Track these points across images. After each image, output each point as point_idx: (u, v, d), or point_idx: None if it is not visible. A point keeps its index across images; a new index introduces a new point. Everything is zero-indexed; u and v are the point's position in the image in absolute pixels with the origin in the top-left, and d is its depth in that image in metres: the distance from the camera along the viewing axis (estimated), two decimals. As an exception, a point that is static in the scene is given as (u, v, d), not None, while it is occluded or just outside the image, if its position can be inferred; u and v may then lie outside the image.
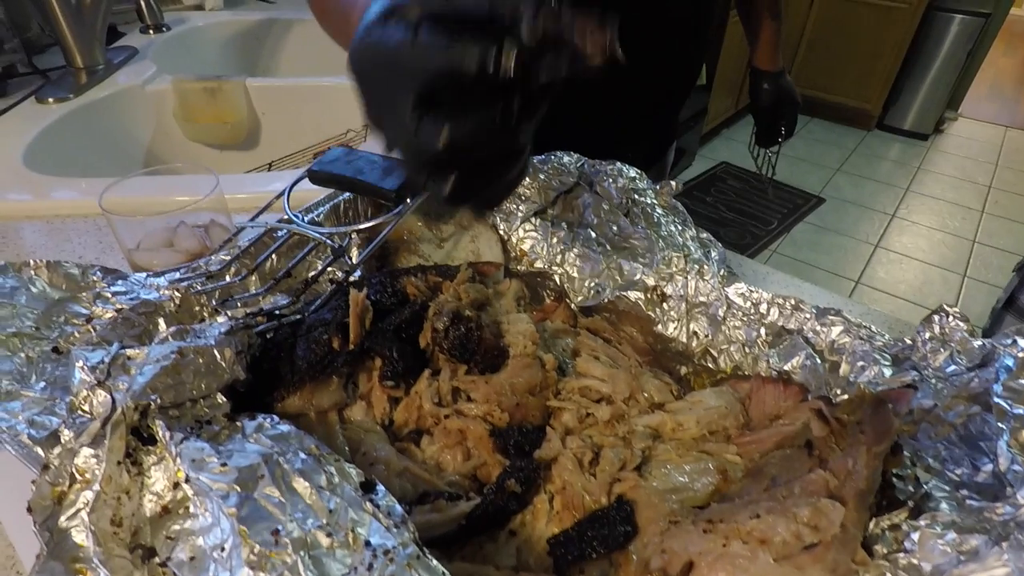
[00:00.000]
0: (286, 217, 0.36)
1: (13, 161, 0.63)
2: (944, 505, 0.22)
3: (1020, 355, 0.23)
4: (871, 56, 2.93)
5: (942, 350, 0.28)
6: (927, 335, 0.28)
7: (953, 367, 0.27)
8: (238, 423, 0.23)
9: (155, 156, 0.87)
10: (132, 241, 0.44)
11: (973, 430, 0.23)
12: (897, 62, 2.89)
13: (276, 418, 0.24)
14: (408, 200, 0.35)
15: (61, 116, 0.74)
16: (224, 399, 0.24)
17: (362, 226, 0.33)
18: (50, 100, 0.76)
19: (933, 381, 0.27)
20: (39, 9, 0.91)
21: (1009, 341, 0.24)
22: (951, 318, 0.28)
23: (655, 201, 0.39)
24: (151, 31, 1.02)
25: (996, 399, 0.22)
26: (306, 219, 0.38)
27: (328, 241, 0.34)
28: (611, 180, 0.40)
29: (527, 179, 0.41)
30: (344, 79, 0.88)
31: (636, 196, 0.39)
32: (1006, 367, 0.23)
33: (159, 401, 0.22)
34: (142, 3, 1.01)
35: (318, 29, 1.21)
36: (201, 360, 0.24)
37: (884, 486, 0.23)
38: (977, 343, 0.27)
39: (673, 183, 0.41)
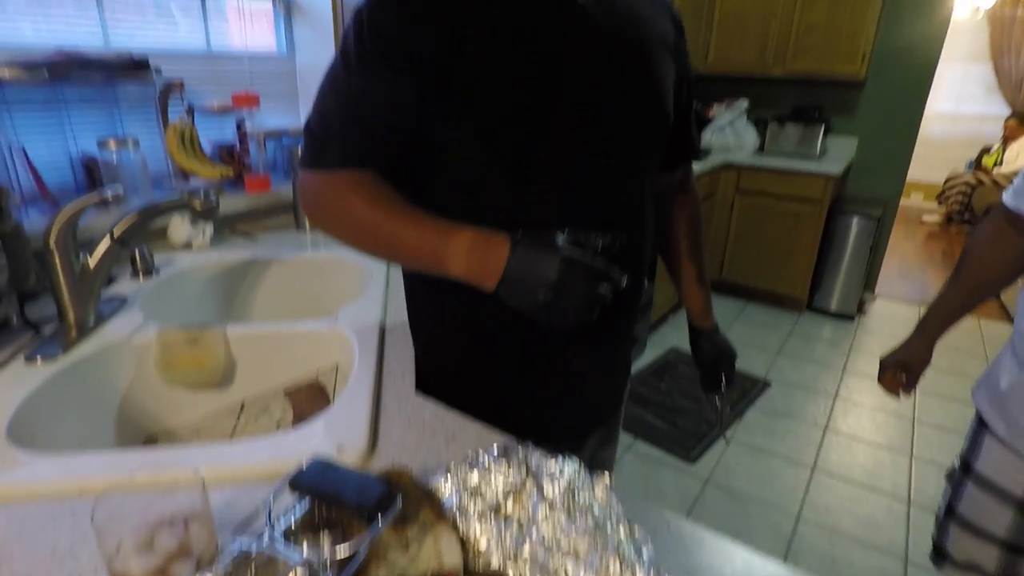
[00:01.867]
0: (265, 536, 0.40)
1: (-4, 434, 0.66)
2: None
3: None
4: (790, 250, 3.32)
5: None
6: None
7: None
8: None
9: (131, 402, 0.91)
10: (112, 544, 0.47)
11: None
12: (813, 255, 3.28)
13: None
14: (380, 518, 0.40)
15: (47, 378, 0.78)
16: None
17: (340, 555, 0.38)
18: (38, 361, 0.81)
19: None
20: (45, 272, 1.01)
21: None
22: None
23: (593, 498, 0.45)
24: (141, 276, 1.12)
25: None
26: (283, 527, 0.42)
27: (306, 566, 0.38)
28: (554, 477, 0.46)
29: (483, 478, 0.47)
30: (317, 324, 0.99)
31: (576, 493, 0.45)
32: None
33: None
34: (136, 253, 1.13)
35: (292, 269, 1.34)
36: None
37: None
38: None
39: (607, 475, 0.48)
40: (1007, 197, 1.01)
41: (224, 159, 1.49)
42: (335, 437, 0.65)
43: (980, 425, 1.06)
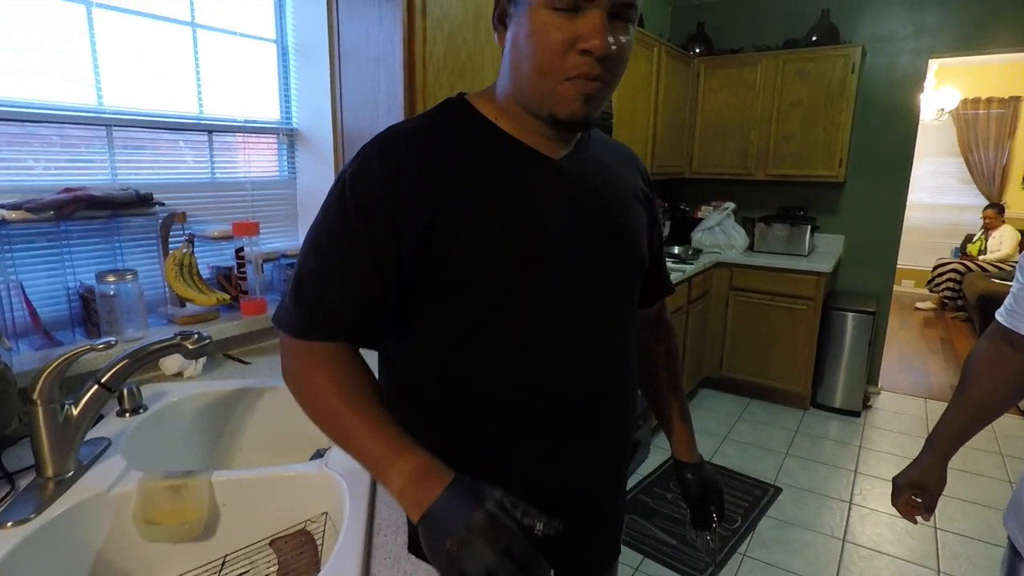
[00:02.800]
0: None
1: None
2: None
3: None
4: (789, 347, 3.30)
5: None
6: None
7: None
8: None
9: (105, 561, 0.85)
10: None
11: None
12: (812, 351, 3.26)
13: None
14: None
15: (16, 544, 0.73)
16: None
17: None
18: (8, 525, 0.76)
19: None
20: (27, 421, 0.98)
21: None
22: None
23: None
24: (128, 414, 1.09)
25: None
26: None
27: None
28: None
29: None
30: (306, 467, 0.95)
31: None
32: None
33: None
34: (124, 390, 1.10)
35: (285, 397, 1.30)
36: None
37: None
38: None
39: None
40: (1002, 316, 1.00)
41: (222, 283, 1.50)
42: (320, 619, 0.60)
43: (1014, 554, 1.00)
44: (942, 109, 6.02)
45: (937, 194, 6.43)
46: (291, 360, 0.69)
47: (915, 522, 1.12)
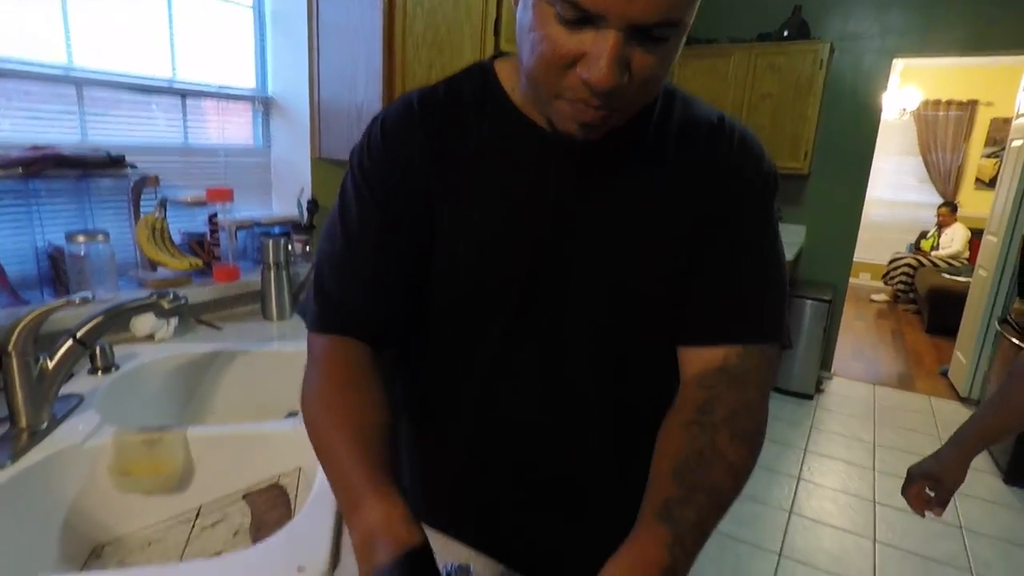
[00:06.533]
0: None
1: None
2: None
3: None
4: (748, 332, 3.42)
5: None
6: None
7: None
8: None
9: (80, 510, 0.87)
10: None
11: None
12: (770, 337, 3.38)
13: None
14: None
15: (-7, 490, 0.75)
16: None
17: None
18: (-16, 472, 0.78)
19: None
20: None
21: None
22: None
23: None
24: (100, 373, 1.10)
25: None
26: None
27: None
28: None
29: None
30: (280, 424, 0.99)
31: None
32: None
33: None
34: (97, 348, 1.11)
35: (257, 361, 1.33)
36: None
37: None
38: None
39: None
40: None
41: (194, 249, 1.51)
42: (295, 555, 0.64)
43: None
44: (904, 109, 6.22)
45: (897, 191, 6.67)
46: (309, 354, 0.62)
47: (923, 515, 1.06)
